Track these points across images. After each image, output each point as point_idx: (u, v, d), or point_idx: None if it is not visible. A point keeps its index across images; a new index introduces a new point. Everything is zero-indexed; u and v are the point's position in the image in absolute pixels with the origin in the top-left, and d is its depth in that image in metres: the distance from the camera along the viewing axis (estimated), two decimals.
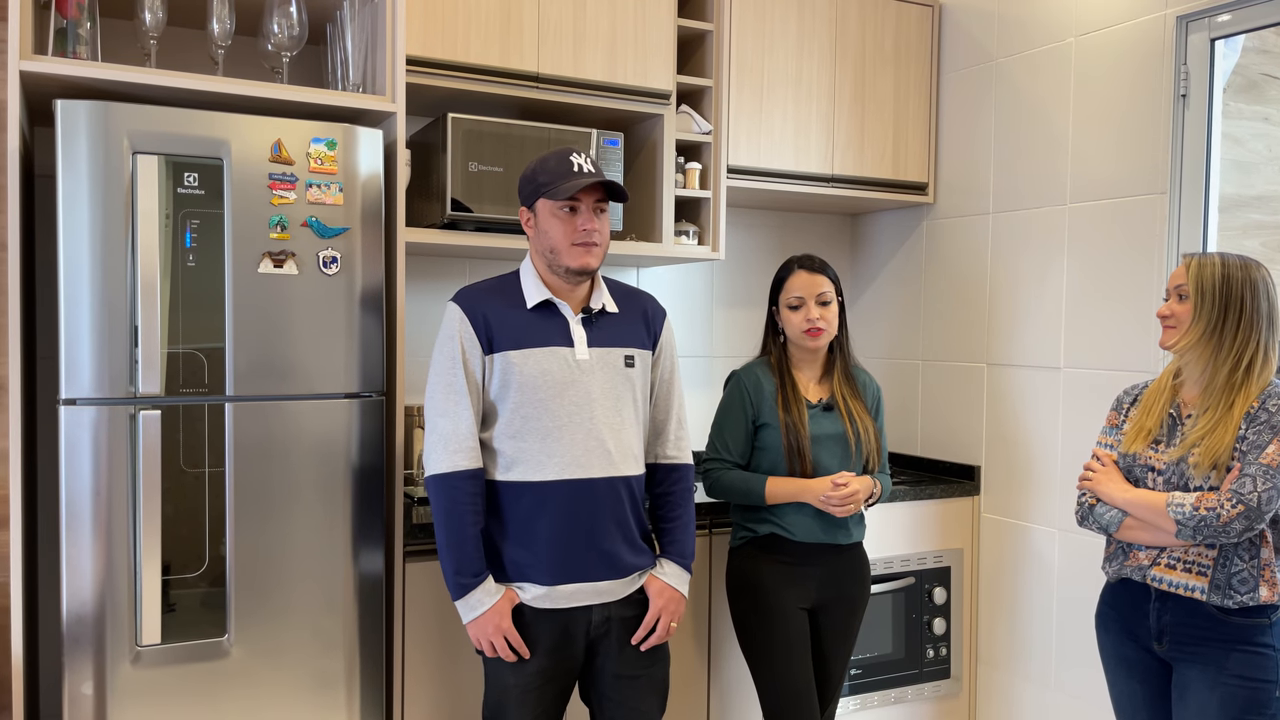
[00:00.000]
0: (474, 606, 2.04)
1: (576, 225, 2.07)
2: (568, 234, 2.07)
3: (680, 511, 2.24)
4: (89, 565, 2.08)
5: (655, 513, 2.26)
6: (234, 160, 2.16)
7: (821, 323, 2.41)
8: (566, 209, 2.07)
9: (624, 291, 2.24)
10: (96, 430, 2.07)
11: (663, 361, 2.25)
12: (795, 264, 2.46)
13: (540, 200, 2.09)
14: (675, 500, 2.24)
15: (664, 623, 2.17)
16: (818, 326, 2.41)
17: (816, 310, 2.41)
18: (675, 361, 2.28)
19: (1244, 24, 2.55)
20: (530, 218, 2.13)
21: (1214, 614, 1.98)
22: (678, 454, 2.26)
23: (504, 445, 2.08)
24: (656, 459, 2.25)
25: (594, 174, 2.07)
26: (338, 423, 2.28)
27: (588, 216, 2.08)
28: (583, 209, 2.08)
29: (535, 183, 2.09)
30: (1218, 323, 1.99)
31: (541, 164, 2.10)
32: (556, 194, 2.05)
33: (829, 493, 2.35)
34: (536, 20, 2.73)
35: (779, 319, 2.49)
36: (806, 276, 2.44)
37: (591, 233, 2.08)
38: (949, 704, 3.22)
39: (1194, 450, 1.99)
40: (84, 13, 2.21)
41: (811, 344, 2.43)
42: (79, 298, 2.05)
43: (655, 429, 2.25)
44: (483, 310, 2.09)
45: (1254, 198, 2.68)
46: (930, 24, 3.36)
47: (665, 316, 2.27)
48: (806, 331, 2.42)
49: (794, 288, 2.44)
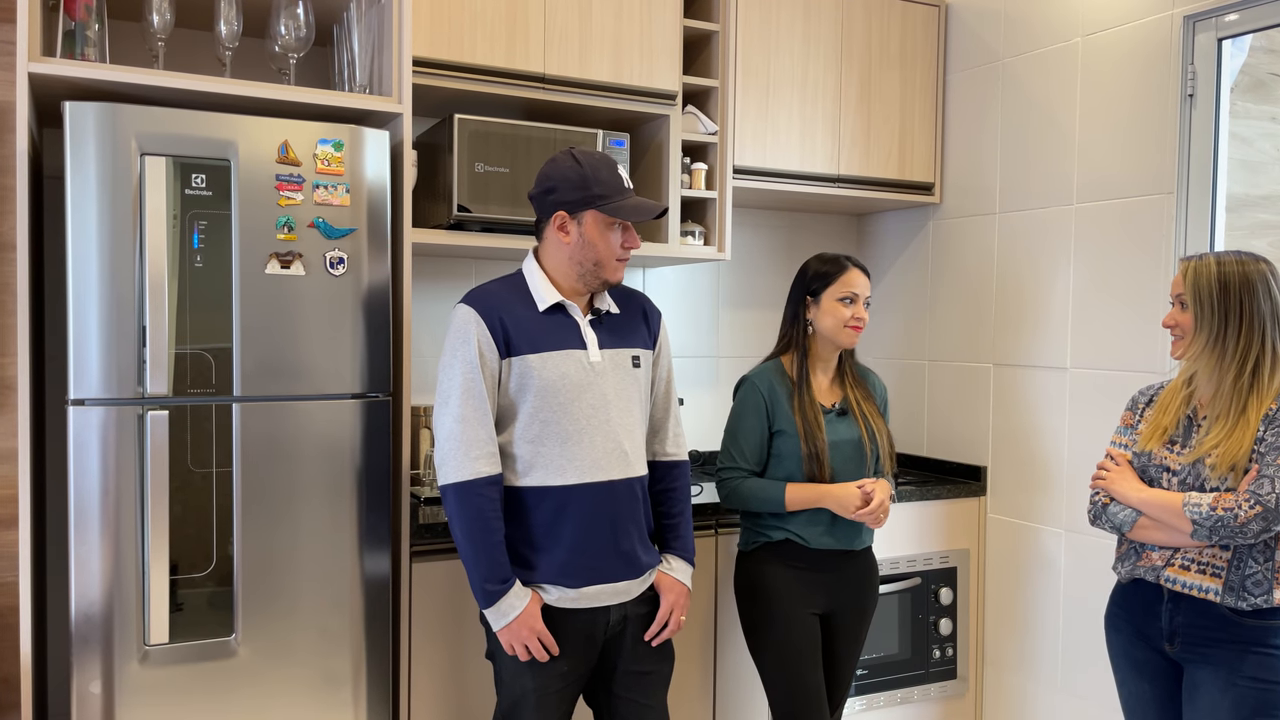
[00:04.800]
0: (505, 613, 2.03)
1: (624, 243, 2.09)
2: (615, 250, 2.09)
3: (682, 507, 2.26)
4: (97, 565, 2.08)
5: (657, 509, 2.27)
6: (241, 161, 2.17)
7: (864, 321, 2.44)
8: (618, 225, 2.08)
9: (621, 292, 2.25)
10: (104, 430, 2.08)
11: (661, 359, 2.26)
12: (847, 261, 2.46)
13: (592, 211, 2.06)
14: (676, 496, 2.25)
15: (675, 617, 2.19)
16: (862, 324, 2.44)
17: (863, 310, 2.44)
18: (671, 359, 2.30)
19: (1251, 23, 2.54)
20: (568, 223, 2.08)
21: (1227, 616, 1.97)
22: (677, 450, 2.27)
23: (522, 449, 2.07)
24: (656, 456, 2.26)
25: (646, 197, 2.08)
26: (344, 423, 2.29)
27: (633, 234, 2.11)
28: (630, 226, 2.10)
29: (589, 191, 2.05)
30: (1219, 330, 1.98)
31: (593, 172, 2.06)
32: (619, 213, 2.05)
33: (861, 510, 2.35)
34: (543, 21, 2.73)
35: (809, 313, 2.46)
36: (861, 275, 2.46)
37: (632, 249, 2.12)
38: (955, 704, 3.22)
39: (1212, 452, 1.99)
40: (92, 15, 2.22)
41: (848, 341, 2.45)
42: (87, 298, 2.06)
43: (654, 427, 2.26)
44: (499, 313, 2.06)
45: (1261, 197, 2.68)
46: (936, 24, 3.35)
47: (660, 315, 2.29)
48: (850, 327, 2.42)
49: (851, 284, 2.43)
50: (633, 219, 2.05)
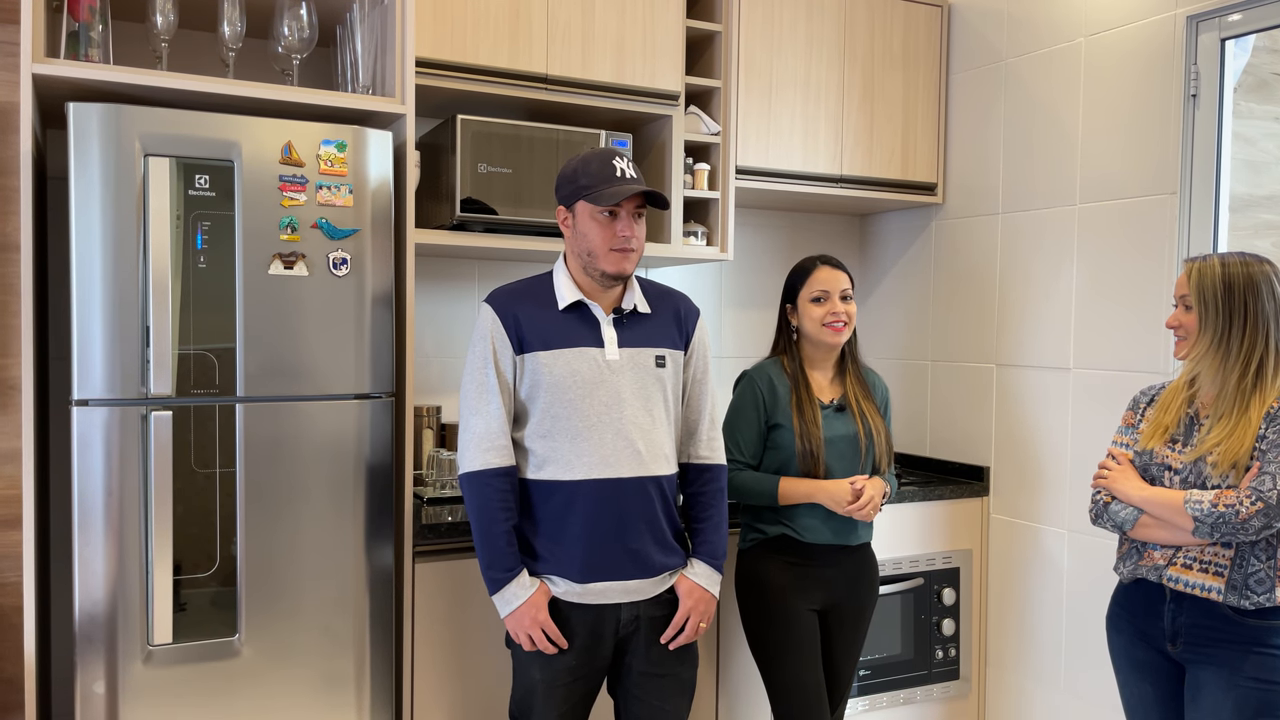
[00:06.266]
0: (509, 600, 2.07)
1: (616, 231, 2.08)
2: (606, 239, 2.08)
3: (712, 512, 2.24)
4: (101, 565, 2.09)
5: (687, 513, 2.27)
6: (245, 162, 2.17)
7: (845, 316, 2.41)
8: (606, 214, 2.08)
9: (658, 291, 2.25)
10: (108, 431, 2.08)
11: (695, 361, 2.25)
12: (817, 260, 2.46)
13: (580, 202, 2.09)
14: (708, 500, 2.24)
15: (693, 622, 2.18)
16: (841, 320, 2.41)
17: (840, 305, 2.42)
18: (709, 361, 2.28)
19: (1255, 24, 2.54)
20: (568, 217, 2.13)
21: (1230, 615, 1.97)
22: (710, 454, 2.26)
23: (535, 445, 2.11)
24: (689, 459, 2.25)
25: (637, 180, 2.08)
26: (347, 423, 2.29)
27: (627, 223, 2.09)
28: (623, 215, 2.09)
29: (576, 184, 2.09)
30: (1224, 331, 1.98)
31: (584, 165, 2.09)
32: (599, 199, 2.05)
33: (850, 504, 2.35)
34: (545, 22, 2.73)
35: (794, 317, 2.48)
36: (830, 271, 2.44)
37: (629, 239, 2.09)
38: (958, 705, 3.22)
39: (1214, 450, 1.99)
40: (96, 16, 2.22)
41: (831, 339, 2.42)
42: (91, 299, 2.07)
43: (688, 429, 2.26)
44: (514, 311, 2.12)
45: (1265, 197, 2.68)
46: (939, 24, 3.35)
47: (699, 316, 2.27)
48: (828, 325, 2.41)
49: (818, 281, 2.43)
50: (610, 203, 2.05)
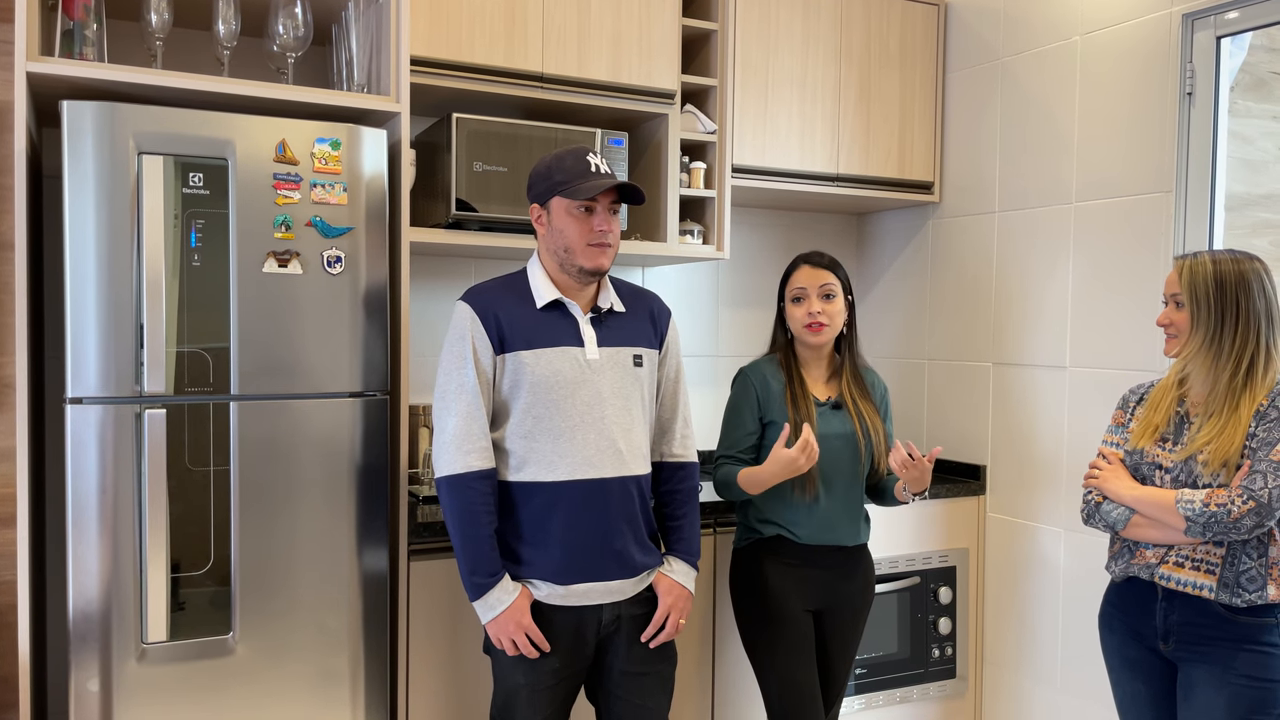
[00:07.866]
0: (492, 606, 2.05)
1: (592, 226, 2.07)
2: (583, 234, 2.07)
3: (687, 509, 2.25)
4: (95, 563, 2.09)
5: (661, 511, 2.26)
6: (239, 160, 2.17)
7: (823, 317, 2.39)
8: (582, 209, 2.07)
9: (630, 291, 2.25)
10: (103, 429, 2.08)
11: (669, 361, 2.25)
12: (800, 259, 2.46)
13: (555, 199, 2.08)
14: (682, 499, 2.25)
15: (673, 620, 2.18)
16: (819, 321, 2.39)
17: (819, 304, 2.40)
18: (680, 360, 2.29)
19: (1251, 21, 2.54)
20: (542, 215, 2.12)
21: (1221, 613, 1.97)
22: (684, 453, 2.26)
23: (515, 445, 2.09)
24: (663, 457, 2.26)
25: (611, 175, 2.08)
26: (342, 422, 2.29)
27: (603, 218, 2.08)
28: (599, 210, 2.08)
29: (551, 180, 2.09)
30: (1216, 329, 1.98)
31: (558, 161, 2.09)
32: (575, 194, 2.05)
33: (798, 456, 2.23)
34: (541, 20, 2.73)
35: (786, 318, 2.49)
36: (809, 270, 2.43)
37: (606, 234, 2.08)
38: (954, 704, 3.22)
39: (1204, 449, 1.99)
40: (90, 14, 2.22)
41: (813, 339, 2.42)
42: (85, 297, 2.07)
43: (661, 428, 2.26)
44: (494, 310, 2.09)
45: (1262, 196, 2.67)
46: (936, 23, 3.35)
47: (670, 316, 2.28)
48: (808, 326, 2.40)
49: (797, 280, 2.44)
50: (586, 196, 2.04)
